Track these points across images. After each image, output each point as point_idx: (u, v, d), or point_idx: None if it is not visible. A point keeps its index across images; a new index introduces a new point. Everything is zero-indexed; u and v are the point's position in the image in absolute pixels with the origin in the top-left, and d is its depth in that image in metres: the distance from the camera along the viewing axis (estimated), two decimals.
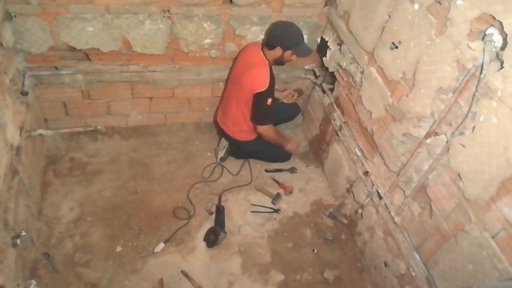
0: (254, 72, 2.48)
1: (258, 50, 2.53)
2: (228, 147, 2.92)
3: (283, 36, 2.42)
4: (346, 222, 2.64)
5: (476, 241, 1.60)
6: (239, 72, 2.59)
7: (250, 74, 2.49)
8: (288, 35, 2.43)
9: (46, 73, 2.53)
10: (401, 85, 1.98)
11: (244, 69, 2.54)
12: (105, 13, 2.32)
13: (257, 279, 2.34)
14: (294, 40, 2.45)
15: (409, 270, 2.05)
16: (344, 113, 2.63)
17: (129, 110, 2.97)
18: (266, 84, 2.46)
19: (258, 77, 2.48)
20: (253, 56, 2.54)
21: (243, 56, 2.62)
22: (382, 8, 2.05)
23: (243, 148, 2.90)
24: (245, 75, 2.50)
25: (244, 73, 2.52)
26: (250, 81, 2.50)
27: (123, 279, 2.24)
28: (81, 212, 2.49)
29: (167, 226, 2.51)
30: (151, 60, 2.65)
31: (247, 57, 2.58)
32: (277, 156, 2.98)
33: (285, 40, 2.43)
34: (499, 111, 1.44)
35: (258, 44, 2.58)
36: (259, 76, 2.47)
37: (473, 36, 1.53)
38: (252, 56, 2.54)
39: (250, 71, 2.49)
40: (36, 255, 2.23)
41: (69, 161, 2.77)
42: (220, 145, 2.93)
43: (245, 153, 2.97)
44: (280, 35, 2.42)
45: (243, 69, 2.54)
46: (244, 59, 2.59)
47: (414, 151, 1.92)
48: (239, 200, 2.74)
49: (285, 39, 2.42)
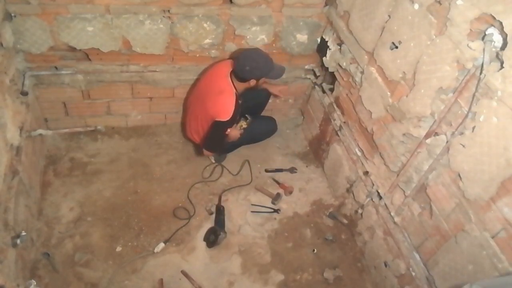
0: (220, 100, 2.43)
1: (227, 77, 2.46)
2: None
3: (253, 69, 2.36)
4: (346, 222, 2.64)
5: (476, 241, 1.60)
6: (204, 92, 2.54)
7: (216, 101, 2.44)
8: (258, 67, 2.38)
9: (46, 73, 2.53)
10: (401, 85, 1.98)
11: (209, 91, 2.49)
12: (105, 13, 2.32)
13: (257, 279, 2.35)
14: (265, 69, 2.41)
15: (409, 270, 2.05)
16: (344, 113, 2.63)
17: (129, 110, 2.97)
18: (229, 115, 2.42)
19: (223, 106, 2.43)
20: (221, 81, 2.47)
21: (211, 77, 2.55)
22: (382, 8, 2.05)
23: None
24: (210, 100, 2.46)
25: (208, 96, 2.47)
26: (214, 107, 2.45)
27: (123, 279, 2.24)
28: (81, 212, 2.49)
29: (167, 226, 2.51)
30: (151, 60, 2.65)
31: (215, 79, 2.51)
32: (261, 134, 2.97)
33: (257, 72, 2.39)
34: (499, 111, 1.44)
35: (228, 68, 2.48)
36: (224, 105, 2.42)
37: (473, 36, 1.53)
38: (220, 81, 2.47)
39: (216, 98, 2.44)
40: (36, 255, 2.23)
41: (69, 161, 2.77)
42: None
43: (230, 145, 2.89)
44: (250, 69, 2.36)
45: (209, 90, 2.49)
46: (212, 80, 2.52)
47: (414, 151, 1.92)
48: (239, 200, 2.74)
49: (256, 71, 2.39)
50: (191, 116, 2.74)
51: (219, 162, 2.94)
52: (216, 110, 2.45)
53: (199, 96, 2.61)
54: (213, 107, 2.46)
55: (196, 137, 2.77)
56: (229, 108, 2.43)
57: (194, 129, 2.73)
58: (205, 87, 2.56)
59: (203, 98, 2.54)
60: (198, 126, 2.66)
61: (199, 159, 2.95)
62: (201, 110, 2.57)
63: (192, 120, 2.72)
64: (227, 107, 2.43)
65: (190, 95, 2.84)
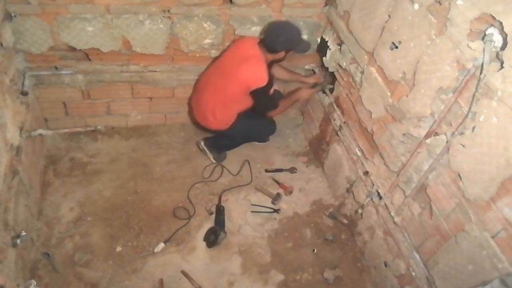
0: (253, 68, 2.38)
1: (256, 46, 2.43)
2: (207, 144, 2.90)
3: (287, 40, 2.36)
4: (346, 222, 2.64)
5: (476, 241, 1.60)
6: (232, 64, 2.45)
7: (249, 69, 2.39)
8: (292, 38, 2.38)
9: (46, 73, 2.53)
10: (401, 85, 1.98)
11: (239, 62, 2.41)
12: (105, 13, 2.32)
13: (257, 279, 2.35)
14: (296, 41, 2.42)
15: (409, 270, 2.05)
16: (344, 113, 2.63)
17: (129, 110, 2.97)
18: (266, 79, 2.39)
19: (259, 73, 2.38)
20: (250, 51, 2.43)
21: (237, 49, 2.50)
22: (382, 8, 2.05)
23: (226, 136, 2.80)
24: (242, 69, 2.38)
25: (240, 66, 2.39)
26: (248, 76, 2.39)
27: (123, 279, 2.24)
28: (81, 212, 2.49)
29: (167, 226, 2.51)
30: (151, 60, 2.65)
31: (243, 51, 2.46)
32: (259, 131, 2.94)
33: (289, 43, 2.38)
34: (499, 111, 1.44)
35: (254, 40, 2.47)
36: (260, 71, 2.38)
37: (473, 36, 1.53)
38: (249, 50, 2.43)
39: (249, 66, 2.38)
40: (36, 255, 2.23)
41: (69, 161, 2.77)
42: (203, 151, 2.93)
43: (229, 142, 2.92)
44: (285, 40, 2.35)
45: (239, 62, 2.41)
46: (239, 52, 2.47)
47: (414, 151, 1.92)
48: (239, 200, 2.74)
49: (289, 43, 2.38)
50: (207, 94, 2.58)
51: (219, 162, 2.94)
52: (252, 77, 2.39)
53: (223, 70, 2.50)
54: (248, 75, 2.39)
55: (210, 118, 2.63)
56: (264, 73, 2.38)
57: (210, 109, 2.58)
58: (233, 61, 2.46)
59: (233, 70, 2.42)
60: (216, 103, 2.54)
61: (199, 159, 2.95)
62: (229, 81, 2.44)
63: (209, 98, 2.57)
64: (263, 73, 2.38)
65: (206, 72, 2.71)
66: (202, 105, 2.64)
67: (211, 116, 2.62)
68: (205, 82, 2.65)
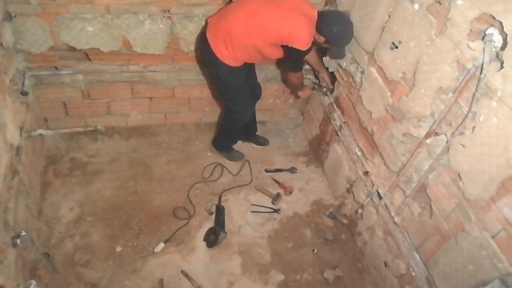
0: (305, 29, 2.14)
1: (315, 11, 2.22)
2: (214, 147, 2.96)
3: (337, 33, 2.24)
4: (346, 222, 2.64)
5: (476, 241, 1.60)
6: (287, 3, 2.18)
7: (302, 26, 2.14)
8: (342, 35, 2.27)
9: (46, 73, 2.53)
10: (401, 85, 1.98)
11: (297, 10, 2.15)
12: (105, 13, 2.32)
13: (257, 279, 2.34)
14: (342, 41, 2.31)
15: (409, 270, 2.05)
16: (344, 113, 2.63)
17: (129, 110, 2.97)
18: (307, 46, 2.19)
19: (305, 36, 2.16)
20: (311, 11, 2.20)
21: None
22: (382, 8, 2.05)
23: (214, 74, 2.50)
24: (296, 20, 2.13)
25: (296, 16, 2.13)
26: (296, 31, 2.14)
27: (123, 279, 2.24)
28: (81, 212, 2.49)
29: (167, 226, 2.51)
30: (151, 60, 2.65)
31: (306, 4, 2.23)
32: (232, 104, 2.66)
33: (335, 37, 2.26)
34: (499, 111, 1.44)
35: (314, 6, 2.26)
36: (307, 36, 2.16)
37: (473, 36, 1.53)
38: (310, 10, 2.21)
39: (303, 24, 2.13)
40: (36, 255, 2.23)
41: (69, 161, 2.77)
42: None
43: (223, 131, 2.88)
44: (336, 31, 2.22)
45: (297, 9, 2.16)
46: (301, 1, 2.24)
47: (414, 151, 1.92)
48: (239, 200, 2.74)
49: (336, 37, 2.26)
50: (240, 14, 2.23)
51: (234, 160, 2.98)
52: (296, 34, 2.15)
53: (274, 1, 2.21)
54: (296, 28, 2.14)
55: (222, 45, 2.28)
56: (308, 39, 2.17)
57: (228, 35, 2.23)
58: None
59: (279, 5, 2.17)
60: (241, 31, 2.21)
61: (199, 159, 2.95)
62: (272, 16, 2.16)
63: (238, 19, 2.21)
64: (307, 37, 2.16)
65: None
66: (227, 23, 2.23)
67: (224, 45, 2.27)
68: (247, 1, 2.28)
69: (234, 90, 2.53)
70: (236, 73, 2.40)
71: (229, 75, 2.39)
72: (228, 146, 3.00)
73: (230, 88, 2.51)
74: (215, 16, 2.35)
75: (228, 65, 2.32)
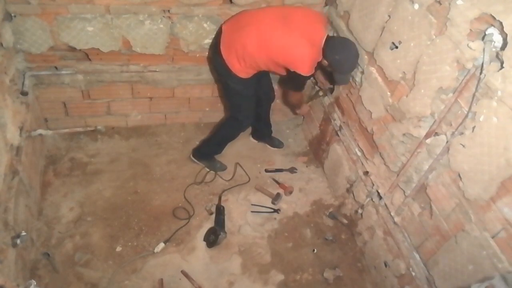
0: (309, 56, 2.20)
1: (324, 35, 2.23)
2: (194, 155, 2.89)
3: (340, 61, 2.25)
4: (346, 222, 2.64)
5: (476, 241, 1.60)
6: (300, 25, 2.21)
7: (306, 53, 2.19)
8: (344, 63, 2.29)
9: (46, 73, 2.53)
10: (401, 85, 1.98)
11: (307, 35, 2.19)
12: (105, 13, 2.32)
13: (257, 279, 2.35)
14: (344, 68, 2.33)
15: (409, 270, 2.05)
16: (344, 113, 2.63)
17: (129, 110, 2.97)
18: (309, 73, 2.26)
19: (309, 64, 2.21)
20: (319, 34, 2.22)
21: (315, 17, 2.28)
22: (382, 8, 2.05)
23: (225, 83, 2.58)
24: (302, 46, 2.18)
25: (302, 43, 2.17)
26: (299, 57, 2.20)
27: (123, 279, 2.24)
28: (81, 212, 2.49)
29: (167, 226, 2.51)
30: (151, 60, 2.65)
31: (317, 26, 2.23)
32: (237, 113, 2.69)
33: (339, 64, 2.28)
34: (499, 111, 1.44)
35: (326, 30, 2.28)
36: (310, 63, 2.21)
37: (473, 36, 1.53)
38: (320, 33, 2.22)
39: (308, 51, 2.18)
40: (36, 255, 2.23)
41: (69, 161, 2.77)
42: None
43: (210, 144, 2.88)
44: (339, 59, 2.24)
45: (307, 33, 2.19)
46: (314, 23, 2.24)
47: (414, 151, 1.92)
48: (239, 200, 2.74)
49: (339, 64, 2.28)
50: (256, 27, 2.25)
51: (214, 170, 2.90)
52: (299, 60, 2.21)
53: (288, 20, 2.22)
54: (299, 54, 2.19)
55: (235, 62, 2.33)
56: (311, 66, 2.23)
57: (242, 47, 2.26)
58: (303, 20, 2.24)
59: (292, 24, 2.20)
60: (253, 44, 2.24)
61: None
62: (283, 34, 2.20)
63: (252, 33, 2.24)
64: (310, 64, 2.22)
65: (267, 8, 2.44)
66: (241, 39, 2.27)
67: (236, 59, 2.33)
68: (262, 16, 2.31)
69: (242, 99, 2.62)
70: (247, 85, 2.50)
71: (240, 85, 2.48)
72: (212, 155, 2.92)
73: (238, 96, 2.59)
74: (229, 25, 2.37)
75: (240, 77, 2.41)
